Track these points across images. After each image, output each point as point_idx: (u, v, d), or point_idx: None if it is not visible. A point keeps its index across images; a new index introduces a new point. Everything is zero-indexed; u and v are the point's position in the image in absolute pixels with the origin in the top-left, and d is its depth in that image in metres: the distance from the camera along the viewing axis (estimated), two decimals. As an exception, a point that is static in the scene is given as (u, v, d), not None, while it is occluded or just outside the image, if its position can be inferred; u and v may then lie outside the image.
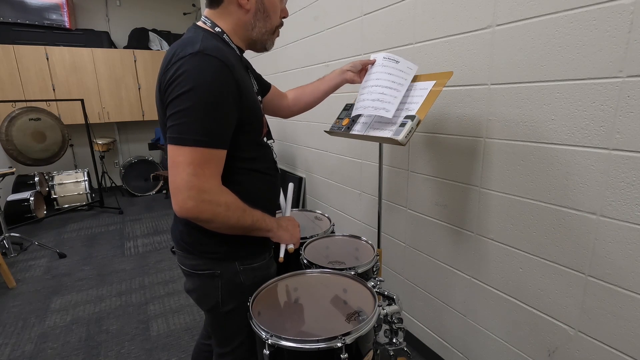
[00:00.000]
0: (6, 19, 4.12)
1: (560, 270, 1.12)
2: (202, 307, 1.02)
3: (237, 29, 0.91)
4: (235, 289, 0.97)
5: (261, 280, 1.01)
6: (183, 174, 0.76)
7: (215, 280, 0.95)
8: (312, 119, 2.52)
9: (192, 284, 0.99)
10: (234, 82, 0.80)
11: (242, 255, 0.96)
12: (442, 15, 1.38)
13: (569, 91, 1.03)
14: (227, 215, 0.83)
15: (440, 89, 1.09)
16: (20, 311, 2.33)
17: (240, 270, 0.96)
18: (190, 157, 0.76)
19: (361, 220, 2.16)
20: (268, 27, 0.95)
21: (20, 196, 3.82)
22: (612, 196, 0.97)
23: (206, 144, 0.77)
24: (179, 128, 0.76)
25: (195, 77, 0.75)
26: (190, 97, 0.75)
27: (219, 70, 0.77)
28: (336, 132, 1.38)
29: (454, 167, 1.44)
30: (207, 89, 0.76)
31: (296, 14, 2.51)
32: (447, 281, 1.57)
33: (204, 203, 0.78)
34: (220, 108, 0.78)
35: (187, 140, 0.76)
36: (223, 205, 0.82)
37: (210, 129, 0.77)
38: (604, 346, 1.04)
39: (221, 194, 0.82)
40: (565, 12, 1.01)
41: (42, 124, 3.71)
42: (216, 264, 0.94)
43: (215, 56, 0.77)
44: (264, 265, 1.02)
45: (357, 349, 0.85)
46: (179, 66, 0.76)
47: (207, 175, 0.78)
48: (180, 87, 0.76)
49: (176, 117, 0.77)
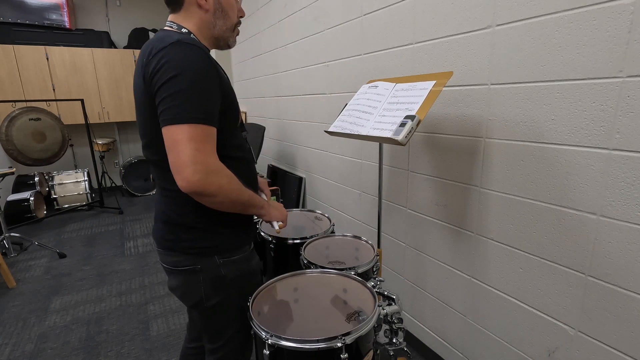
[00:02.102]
0: (6, 19, 4.12)
1: (560, 270, 1.12)
2: (186, 303, 1.04)
3: (202, 28, 0.96)
4: (218, 283, 0.98)
5: (244, 273, 1.03)
6: (187, 150, 0.78)
7: (197, 275, 0.97)
8: (312, 119, 2.52)
9: (175, 281, 1.01)
10: (213, 66, 0.85)
11: (221, 249, 0.98)
12: (442, 15, 1.38)
13: (569, 91, 1.03)
14: (230, 188, 0.86)
15: (440, 89, 1.09)
16: (20, 311, 2.33)
17: (221, 264, 0.97)
18: (190, 133, 0.79)
19: (361, 220, 2.16)
20: (228, 25, 1.00)
21: (20, 196, 3.82)
22: (612, 196, 0.97)
23: (202, 120, 0.81)
24: (175, 109, 0.79)
25: (180, 62, 0.80)
26: (180, 81, 0.79)
27: (199, 55, 0.83)
28: (335, 133, 1.38)
29: (454, 167, 1.44)
30: (194, 72, 0.80)
31: (296, 14, 2.51)
32: (447, 281, 1.57)
33: (210, 176, 0.81)
34: (207, 89, 0.83)
35: (185, 119, 0.79)
36: (226, 178, 0.85)
37: (203, 107, 0.81)
38: (604, 346, 1.04)
39: (221, 167, 0.85)
40: (565, 12, 1.01)
41: (42, 124, 3.71)
42: (196, 259, 0.96)
43: (193, 44, 0.83)
44: (244, 257, 1.03)
45: (357, 349, 0.85)
46: (161, 56, 0.80)
47: (208, 150, 0.82)
48: (167, 73, 0.79)
49: (169, 99, 0.80)
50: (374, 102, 1.30)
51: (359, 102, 1.37)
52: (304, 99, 2.59)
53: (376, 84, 1.38)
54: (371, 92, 1.36)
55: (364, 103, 1.34)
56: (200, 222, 0.94)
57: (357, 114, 1.31)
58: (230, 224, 0.98)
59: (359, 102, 1.37)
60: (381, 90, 1.32)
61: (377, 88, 1.35)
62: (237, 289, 1.01)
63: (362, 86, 1.46)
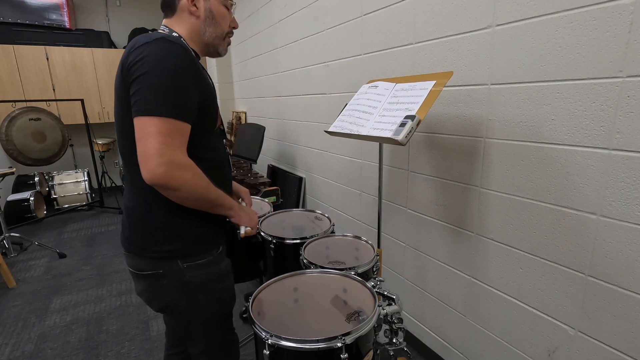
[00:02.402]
0: (6, 19, 4.12)
1: (560, 270, 1.12)
2: (153, 307, 1.02)
3: (192, 34, 0.98)
4: (183, 288, 0.96)
5: (212, 277, 1.00)
6: (154, 143, 0.79)
7: (160, 280, 0.95)
8: (312, 119, 2.52)
9: (140, 286, 1.00)
10: (193, 65, 0.87)
11: (184, 252, 0.96)
12: (442, 15, 1.38)
13: (569, 91, 1.03)
14: (194, 183, 0.86)
15: (440, 89, 1.09)
16: (20, 311, 2.33)
17: (184, 268, 0.95)
18: (160, 127, 0.80)
19: (361, 220, 2.16)
20: (218, 33, 1.02)
21: (20, 196, 3.82)
22: (612, 196, 0.97)
23: (173, 115, 0.81)
24: (147, 100, 0.80)
25: (158, 57, 0.81)
26: (155, 74, 0.80)
27: (180, 53, 0.84)
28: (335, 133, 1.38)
29: (454, 167, 1.44)
30: (171, 67, 0.82)
31: (296, 14, 2.51)
32: (447, 281, 1.57)
33: (174, 170, 0.81)
34: (183, 85, 0.84)
35: (156, 111, 0.80)
36: (190, 173, 0.85)
37: (176, 102, 0.82)
38: (604, 346, 1.04)
39: (189, 163, 0.85)
40: (565, 12, 1.01)
41: (42, 124, 3.71)
42: (158, 264, 0.94)
43: (175, 42, 0.85)
44: (211, 261, 1.00)
45: (357, 349, 0.85)
46: (142, 50, 0.82)
47: (176, 145, 0.82)
48: (145, 66, 0.80)
49: (142, 91, 0.81)
50: (374, 102, 1.30)
51: (359, 102, 1.37)
52: (304, 99, 2.59)
53: (376, 84, 1.38)
54: (371, 92, 1.36)
55: (364, 103, 1.34)
56: (164, 223, 0.93)
57: (357, 114, 1.31)
58: (196, 227, 0.96)
59: (359, 102, 1.37)
60: (381, 90, 1.32)
61: (377, 88, 1.35)
62: (205, 293, 0.99)
63: (362, 86, 1.46)
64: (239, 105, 4.28)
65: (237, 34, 3.90)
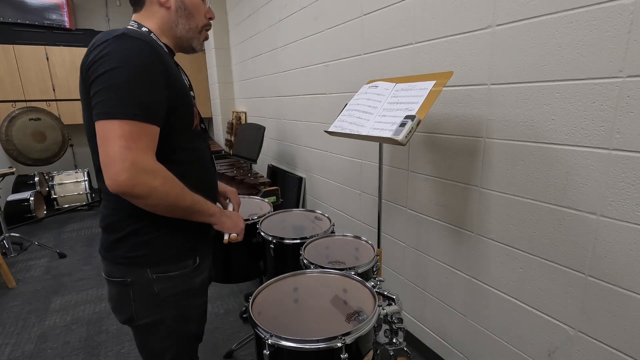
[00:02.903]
0: (6, 19, 4.12)
1: (560, 270, 1.12)
2: (118, 318, 0.95)
3: (163, 27, 0.92)
4: (150, 301, 0.90)
5: (182, 291, 0.93)
6: (115, 147, 0.73)
7: (127, 289, 0.89)
8: (312, 119, 2.52)
9: (109, 293, 0.95)
10: (160, 62, 0.80)
11: (155, 261, 0.89)
12: (442, 15, 1.38)
13: (569, 91, 1.03)
14: (164, 190, 0.78)
15: (440, 89, 1.09)
16: (20, 311, 2.33)
17: (154, 279, 0.88)
18: (122, 130, 0.74)
19: (361, 220, 2.16)
20: (192, 26, 0.95)
21: (20, 196, 3.82)
22: (612, 196, 0.97)
23: (137, 117, 0.75)
24: (107, 103, 0.74)
25: (120, 55, 0.75)
26: (117, 74, 0.74)
27: (144, 49, 0.78)
28: (335, 133, 1.38)
29: (454, 167, 1.44)
30: (135, 66, 0.76)
31: (296, 14, 2.51)
32: (447, 281, 1.57)
33: (139, 175, 0.74)
34: (148, 84, 0.77)
35: (117, 114, 0.74)
36: (159, 179, 0.78)
37: (140, 103, 0.76)
38: (604, 346, 1.04)
39: (157, 167, 0.78)
40: (565, 12, 1.01)
41: (42, 124, 3.71)
42: (127, 271, 0.88)
43: (140, 38, 0.79)
44: (185, 274, 0.93)
45: (357, 349, 0.85)
46: (102, 48, 0.75)
47: (140, 148, 0.75)
48: (105, 66, 0.74)
49: (103, 93, 0.74)
50: (374, 102, 1.30)
51: (359, 102, 1.37)
52: (304, 99, 2.59)
53: (376, 84, 1.38)
54: (371, 92, 1.36)
55: (364, 103, 1.34)
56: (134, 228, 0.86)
57: (357, 114, 1.31)
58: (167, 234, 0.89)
59: (359, 102, 1.37)
60: (381, 90, 1.32)
61: (377, 88, 1.35)
62: (173, 309, 0.92)
63: (362, 86, 1.46)
64: (239, 105, 4.28)
65: (237, 34, 3.90)
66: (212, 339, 1.99)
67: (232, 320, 2.16)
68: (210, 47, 4.41)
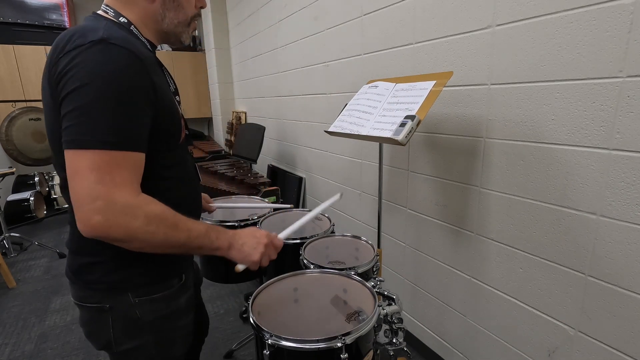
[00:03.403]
0: (6, 19, 4.12)
1: (560, 270, 1.12)
2: (94, 345, 0.84)
3: (146, 20, 0.80)
4: (131, 326, 0.80)
5: (167, 314, 0.83)
6: (85, 183, 0.62)
7: (105, 315, 0.78)
8: (312, 119, 2.52)
9: (82, 317, 0.83)
10: (146, 75, 0.68)
11: (135, 284, 0.79)
12: (442, 15, 1.38)
13: (569, 91, 1.03)
14: (148, 230, 0.66)
15: (440, 89, 1.09)
16: (20, 311, 2.33)
17: (135, 303, 0.78)
18: (94, 161, 0.62)
19: (361, 220, 2.16)
20: (181, 18, 0.83)
21: (20, 196, 3.82)
22: (612, 196, 0.97)
23: (114, 145, 0.64)
24: (78, 129, 0.62)
25: (96, 68, 0.63)
26: (90, 91, 0.62)
27: (127, 60, 0.66)
28: (335, 133, 1.38)
29: (454, 167, 1.44)
30: (112, 82, 0.63)
31: (296, 14, 2.51)
32: (447, 281, 1.57)
33: (115, 216, 0.63)
34: (129, 104, 0.66)
35: (89, 143, 0.62)
36: (141, 218, 0.65)
37: (118, 128, 0.64)
38: (604, 346, 1.04)
39: (137, 204, 0.66)
40: (565, 12, 1.01)
41: (42, 124, 3.71)
42: (104, 296, 0.78)
43: (123, 46, 0.66)
44: (168, 295, 0.83)
45: (357, 349, 0.85)
46: (75, 55, 0.63)
47: (117, 182, 0.63)
48: (76, 80, 0.62)
49: (73, 115, 0.62)
50: (374, 102, 1.30)
51: (359, 102, 1.37)
52: (304, 99, 2.59)
53: (376, 84, 1.38)
54: (371, 92, 1.36)
55: (364, 103, 1.34)
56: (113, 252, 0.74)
57: (357, 114, 1.31)
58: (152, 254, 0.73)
59: (359, 102, 1.37)
60: (381, 90, 1.32)
61: (377, 88, 1.35)
62: (154, 334, 0.82)
63: (362, 86, 1.46)
64: (239, 105, 4.28)
65: (237, 34, 3.90)
66: (212, 339, 1.99)
67: (232, 320, 2.16)
68: (210, 47, 4.41)
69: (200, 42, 5.11)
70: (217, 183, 2.69)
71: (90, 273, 0.78)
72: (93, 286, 0.78)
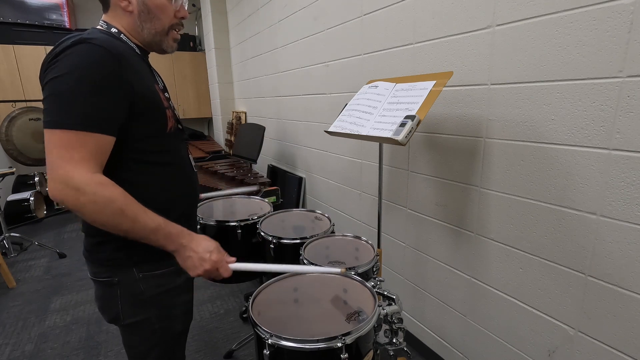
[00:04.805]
0: (6, 19, 4.12)
1: (560, 270, 1.12)
2: (104, 317, 0.96)
3: (130, 30, 0.91)
4: (135, 300, 0.91)
5: (167, 290, 0.95)
6: (51, 157, 0.73)
7: (114, 288, 0.90)
8: (312, 119, 2.52)
9: (96, 292, 0.95)
10: (118, 67, 0.78)
11: (140, 260, 0.90)
12: (442, 15, 1.38)
13: (569, 91, 1.03)
14: (94, 209, 0.74)
15: (440, 89, 1.09)
16: (20, 311, 2.33)
17: (140, 278, 0.90)
18: (60, 139, 0.73)
19: (361, 220, 2.16)
20: (158, 28, 0.92)
21: (20, 196, 3.82)
22: (612, 196, 0.97)
23: (79, 126, 0.73)
24: (51, 111, 0.74)
25: (73, 61, 0.74)
26: (65, 80, 0.73)
27: (102, 56, 0.76)
28: (335, 133, 1.38)
29: (454, 167, 1.44)
30: (85, 73, 0.74)
31: (296, 14, 2.51)
32: (447, 281, 1.57)
33: (66, 189, 0.72)
34: (99, 92, 0.75)
35: (58, 123, 0.73)
36: (90, 195, 0.73)
37: (84, 112, 0.74)
38: (604, 346, 1.04)
39: (88, 182, 0.74)
40: (565, 12, 1.01)
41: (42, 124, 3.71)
42: (114, 271, 0.89)
43: (101, 45, 0.76)
44: (170, 272, 0.94)
45: (357, 349, 0.85)
46: (58, 52, 0.75)
47: (75, 159, 0.73)
48: (56, 71, 0.74)
49: (49, 100, 0.74)
50: (374, 102, 1.30)
51: (359, 102, 1.37)
52: (304, 99, 2.59)
53: (376, 84, 1.38)
54: (371, 92, 1.36)
55: (364, 103, 1.34)
56: None
57: (357, 114, 1.31)
58: None
59: (359, 102, 1.37)
60: (381, 90, 1.32)
61: (377, 88, 1.35)
62: (157, 308, 0.93)
63: (362, 86, 1.46)
64: (239, 105, 4.28)
65: (237, 34, 3.90)
66: (212, 339, 1.99)
67: (232, 320, 2.16)
68: (210, 47, 4.41)
69: (200, 42, 5.11)
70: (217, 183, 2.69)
71: (100, 251, 0.89)
72: (104, 262, 0.89)
